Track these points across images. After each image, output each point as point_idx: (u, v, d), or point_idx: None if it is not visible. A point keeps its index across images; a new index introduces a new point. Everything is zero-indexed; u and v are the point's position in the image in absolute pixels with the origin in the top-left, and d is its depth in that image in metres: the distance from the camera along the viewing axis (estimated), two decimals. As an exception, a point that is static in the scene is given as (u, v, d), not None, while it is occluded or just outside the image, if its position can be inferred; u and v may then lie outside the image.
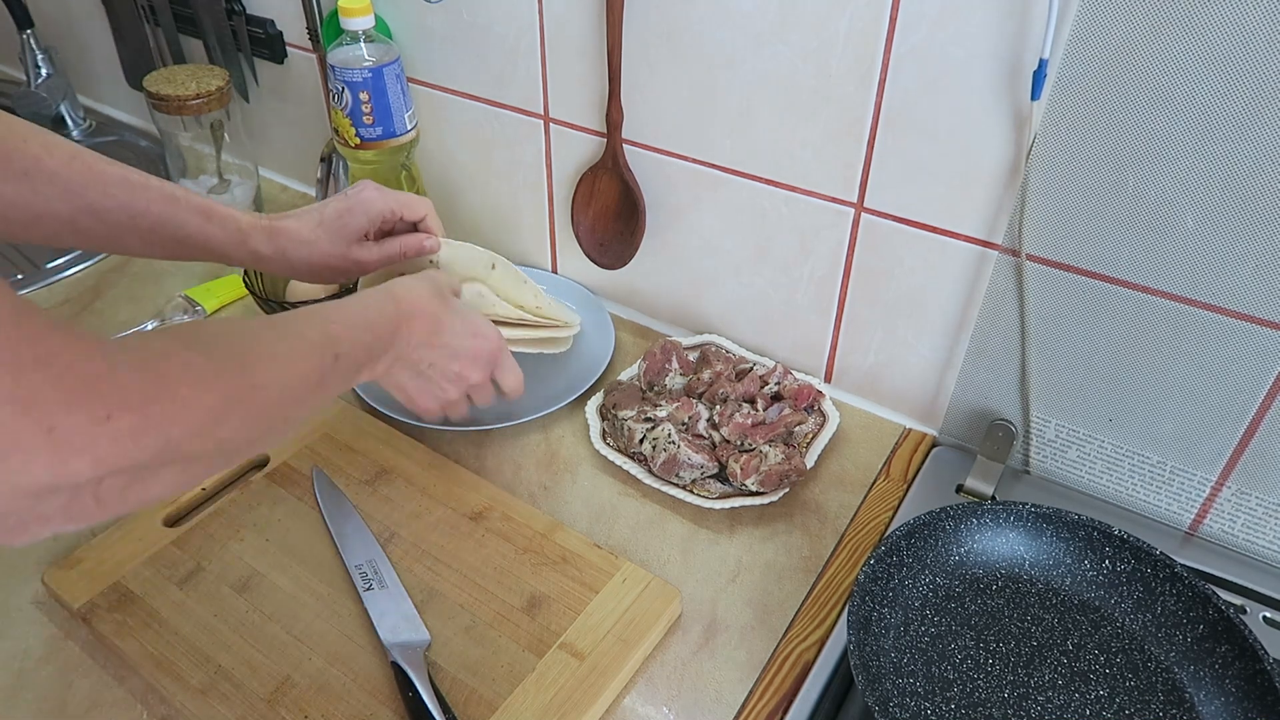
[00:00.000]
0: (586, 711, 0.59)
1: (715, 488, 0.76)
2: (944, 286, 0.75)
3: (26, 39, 1.20)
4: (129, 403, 0.36)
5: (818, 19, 0.69)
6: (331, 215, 0.70)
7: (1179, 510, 0.73)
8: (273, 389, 0.46)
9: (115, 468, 0.36)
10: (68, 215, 0.61)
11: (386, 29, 0.93)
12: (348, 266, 0.71)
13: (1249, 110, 0.56)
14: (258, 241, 0.68)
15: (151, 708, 0.62)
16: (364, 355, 0.57)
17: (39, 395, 0.33)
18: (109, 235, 0.63)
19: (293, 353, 0.49)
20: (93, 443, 0.34)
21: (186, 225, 0.65)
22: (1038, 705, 0.59)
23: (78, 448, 0.34)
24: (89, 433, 0.34)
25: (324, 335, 0.53)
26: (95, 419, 0.34)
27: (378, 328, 0.58)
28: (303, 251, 0.69)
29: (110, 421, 0.35)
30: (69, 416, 0.34)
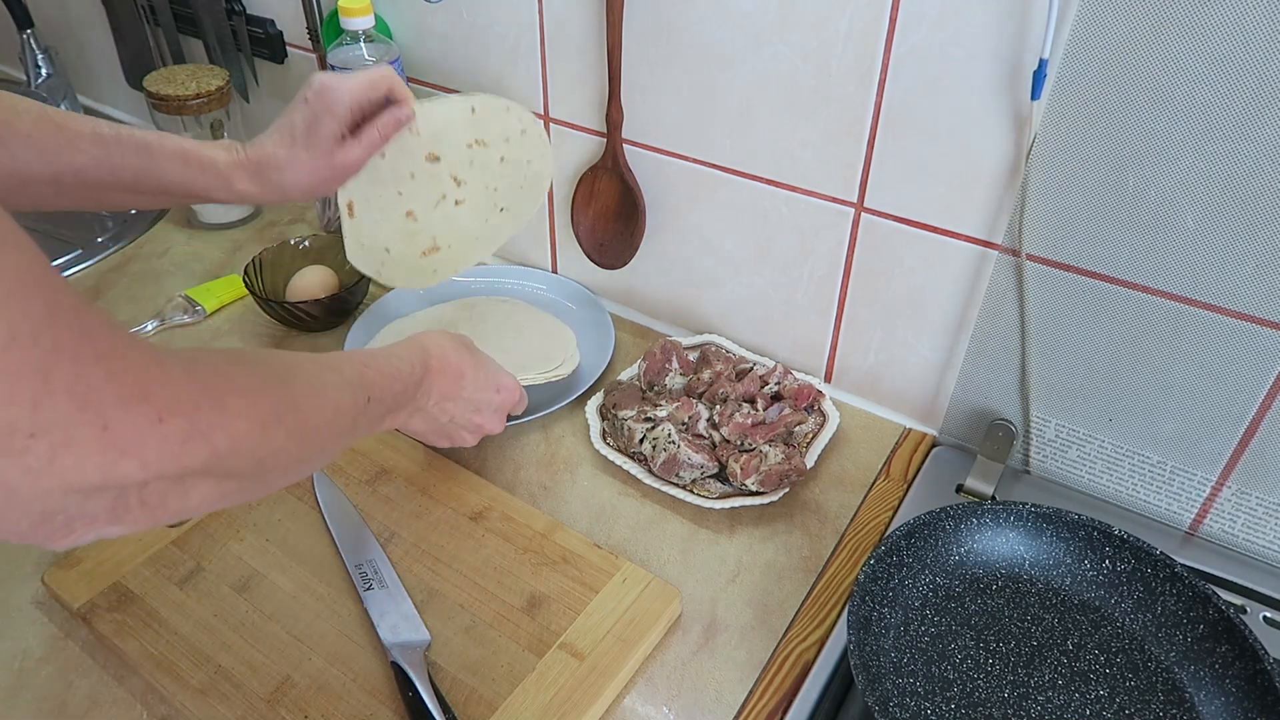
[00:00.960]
0: (586, 711, 0.59)
1: (715, 488, 0.76)
2: (944, 286, 0.75)
3: (26, 39, 1.20)
4: (180, 407, 0.36)
5: (818, 19, 0.69)
6: (302, 128, 0.66)
7: (1179, 510, 0.73)
8: (314, 414, 0.47)
9: (162, 472, 0.36)
10: (49, 176, 0.60)
11: (386, 29, 0.93)
12: (336, 174, 0.68)
13: (1249, 110, 0.56)
14: (242, 181, 0.66)
15: (151, 708, 0.62)
16: (392, 403, 0.59)
17: (97, 391, 0.33)
18: (93, 192, 0.63)
19: (331, 386, 0.50)
20: (144, 444, 0.34)
21: (166, 174, 0.64)
22: (1038, 705, 0.59)
23: (129, 448, 0.34)
24: (141, 434, 0.34)
25: (360, 377, 0.54)
26: (149, 420, 0.35)
27: (406, 379, 0.60)
28: (288, 177, 0.67)
29: (162, 424, 0.35)
30: (124, 415, 0.34)
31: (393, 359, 0.60)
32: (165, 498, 0.37)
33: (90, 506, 0.34)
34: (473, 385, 0.67)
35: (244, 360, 0.44)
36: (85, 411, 0.32)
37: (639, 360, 0.87)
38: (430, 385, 0.63)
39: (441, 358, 0.64)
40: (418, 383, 0.61)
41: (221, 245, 1.08)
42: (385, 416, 0.59)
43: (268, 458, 0.43)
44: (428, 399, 0.63)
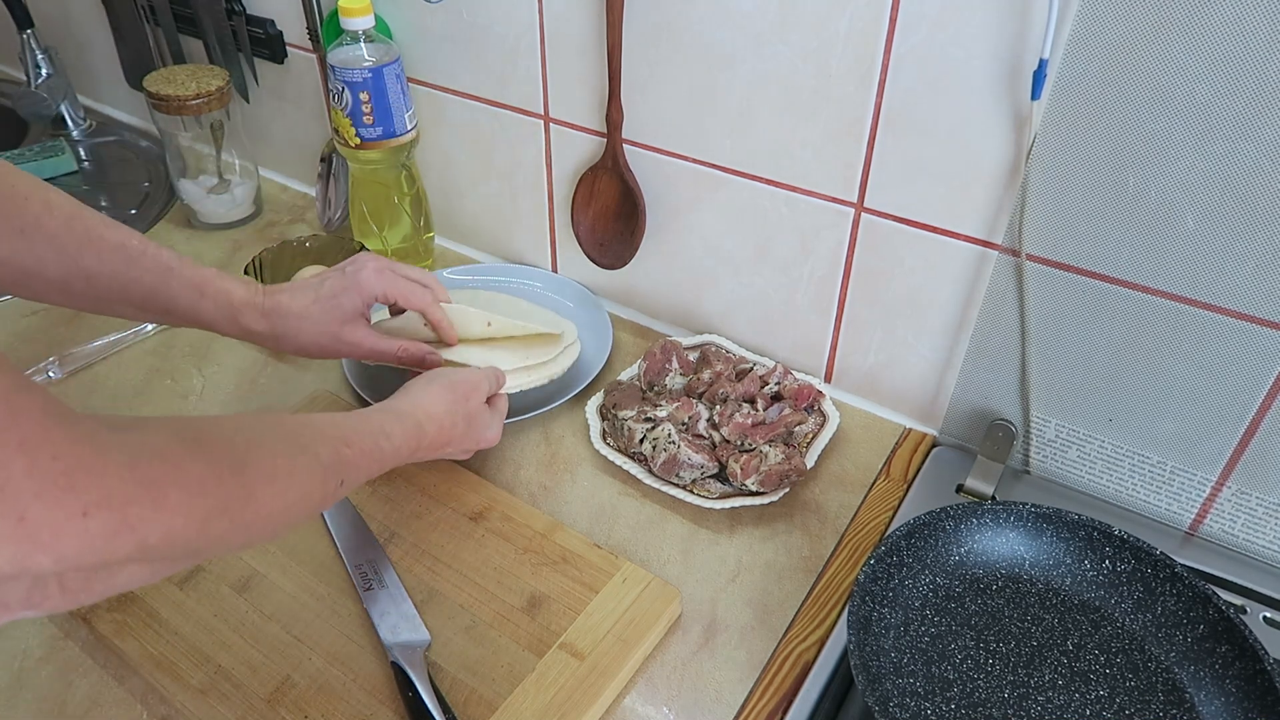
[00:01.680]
0: (586, 711, 0.59)
1: (715, 488, 0.76)
2: (944, 286, 0.75)
3: (26, 39, 1.20)
4: (111, 501, 0.34)
5: (818, 19, 0.69)
6: (327, 294, 0.69)
7: (1179, 510, 0.73)
8: (268, 503, 0.44)
9: (80, 565, 0.34)
10: (60, 278, 0.60)
11: (386, 29, 0.93)
12: (339, 347, 0.70)
13: (1249, 110, 0.56)
14: (250, 319, 0.67)
15: (151, 708, 0.62)
16: (364, 477, 0.56)
17: (16, 481, 0.31)
18: (99, 300, 0.63)
19: (299, 469, 0.47)
20: (61, 538, 0.33)
21: (178, 300, 0.64)
22: (1038, 705, 0.59)
23: (45, 541, 0.32)
24: (60, 527, 0.32)
25: (336, 458, 0.51)
26: (70, 514, 0.33)
27: (388, 459, 0.57)
28: (294, 329, 0.68)
29: (85, 519, 0.33)
30: (44, 508, 0.32)
31: (380, 436, 0.56)
32: (89, 583, 0.36)
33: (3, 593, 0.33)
34: (460, 439, 0.66)
35: (200, 443, 0.40)
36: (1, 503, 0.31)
37: (639, 360, 0.87)
38: (418, 454, 0.62)
39: (436, 434, 0.62)
40: (405, 459, 0.59)
41: (221, 245, 1.08)
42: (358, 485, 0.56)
43: (206, 548, 0.41)
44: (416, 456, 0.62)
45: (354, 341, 0.70)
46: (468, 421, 0.66)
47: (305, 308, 0.68)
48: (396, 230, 1.00)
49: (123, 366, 0.90)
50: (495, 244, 1.04)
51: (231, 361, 0.91)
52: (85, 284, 0.61)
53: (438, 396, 0.64)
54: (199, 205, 1.10)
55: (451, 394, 0.65)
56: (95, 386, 0.88)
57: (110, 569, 0.36)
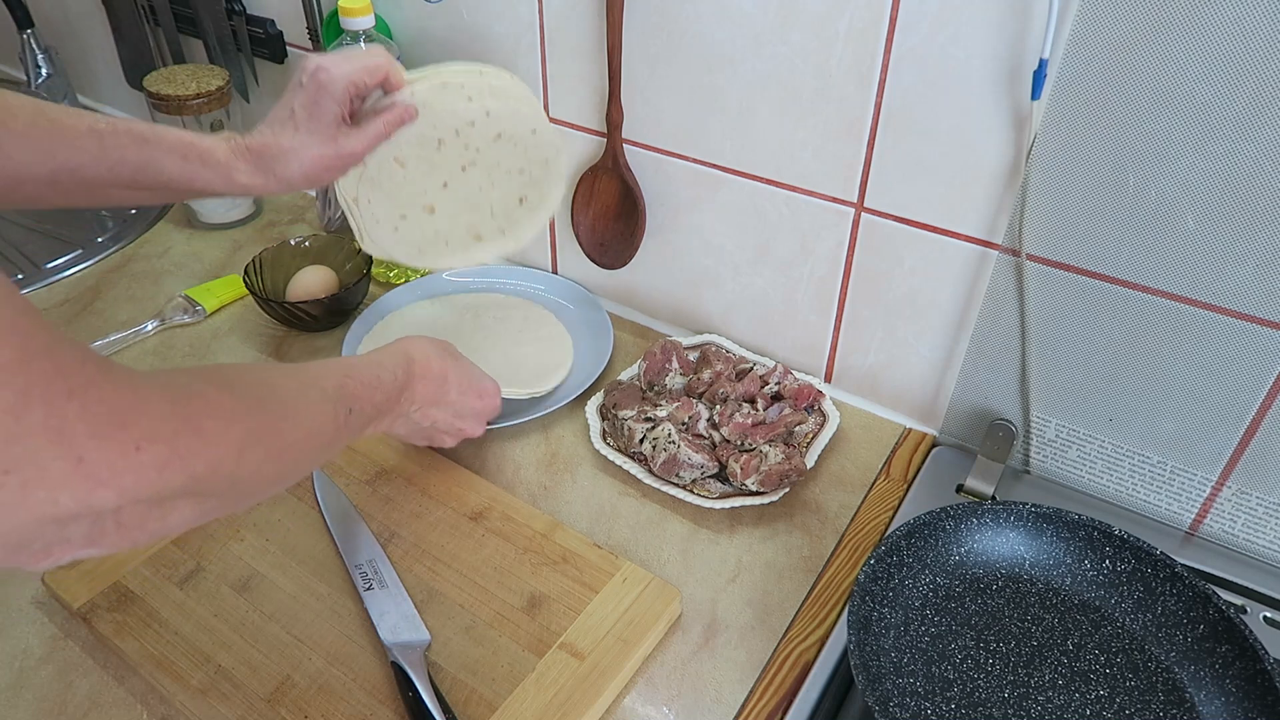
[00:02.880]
0: (586, 711, 0.59)
1: (715, 488, 0.76)
2: (944, 286, 0.75)
3: (26, 39, 1.20)
4: (157, 434, 0.37)
5: (818, 19, 0.69)
6: (302, 113, 0.65)
7: (1179, 510, 0.73)
8: (291, 433, 0.47)
9: (139, 497, 0.36)
10: (45, 175, 0.60)
11: (386, 29, 0.93)
12: (340, 161, 0.67)
13: (1249, 110, 0.56)
14: (243, 172, 0.65)
15: (151, 708, 0.62)
16: (373, 412, 0.59)
17: (71, 426, 0.33)
18: (91, 189, 0.62)
19: (311, 402, 0.50)
20: (119, 473, 0.35)
21: (165, 168, 0.63)
22: (1038, 705, 0.59)
23: (104, 478, 0.34)
24: (117, 463, 0.35)
25: (340, 390, 0.54)
26: (124, 450, 0.35)
27: (388, 388, 0.60)
28: (291, 164, 0.65)
29: (138, 453, 0.36)
30: (99, 447, 0.34)
31: (375, 368, 0.60)
32: (144, 520, 0.38)
33: (67, 533, 0.35)
34: (456, 391, 0.67)
35: (221, 381, 0.44)
36: (59, 446, 0.33)
37: (639, 360, 0.87)
38: (414, 392, 0.63)
39: (425, 364, 0.64)
40: (400, 390, 0.62)
41: (221, 245, 1.08)
42: (368, 425, 0.59)
43: (246, 478, 0.43)
44: (411, 405, 0.64)
45: (352, 151, 0.67)
46: (455, 361, 0.67)
47: (293, 139, 0.65)
48: (396, 230, 1.00)
49: (123, 366, 0.90)
50: (495, 244, 1.04)
51: (232, 361, 0.91)
52: (71, 175, 0.61)
53: (415, 337, 0.66)
54: (199, 205, 1.10)
55: (430, 339, 0.67)
56: (95, 386, 0.88)
57: (164, 505, 0.39)
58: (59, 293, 1.00)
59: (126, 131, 0.62)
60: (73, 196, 0.63)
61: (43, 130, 0.60)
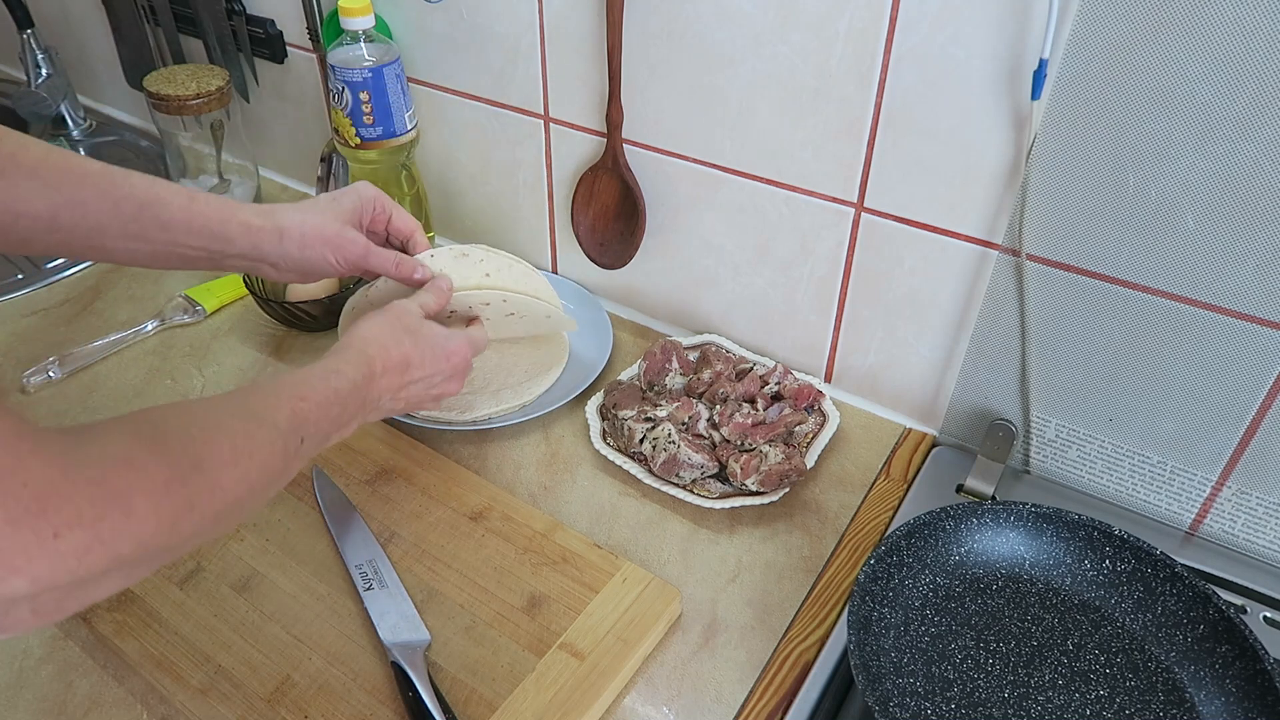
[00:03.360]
0: (586, 711, 0.59)
1: (715, 488, 0.76)
2: (944, 286, 0.75)
3: (26, 39, 1.20)
4: (81, 519, 0.34)
5: (818, 19, 0.69)
6: (325, 198, 0.69)
7: (1179, 510, 0.73)
8: (233, 489, 0.44)
9: (54, 585, 0.34)
10: (48, 212, 0.59)
11: (386, 29, 0.93)
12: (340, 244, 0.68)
13: (1250, 110, 0.56)
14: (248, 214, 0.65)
15: (151, 708, 0.62)
16: (331, 428, 0.56)
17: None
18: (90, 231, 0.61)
19: (258, 445, 0.47)
20: (33, 561, 0.33)
21: (171, 206, 0.63)
22: (1038, 705, 0.59)
23: (17, 566, 0.33)
24: (32, 551, 0.33)
25: (293, 418, 0.51)
26: (41, 538, 0.33)
27: (347, 398, 0.57)
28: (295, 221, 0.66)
29: (57, 540, 0.33)
30: (13, 534, 0.32)
31: (331, 377, 0.56)
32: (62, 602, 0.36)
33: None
34: (419, 367, 0.64)
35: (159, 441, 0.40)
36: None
37: (639, 360, 0.87)
38: (378, 389, 0.60)
39: (383, 358, 0.61)
40: (362, 395, 0.59)
41: (221, 245, 1.08)
42: (325, 442, 0.56)
43: (179, 544, 0.41)
44: (379, 400, 0.61)
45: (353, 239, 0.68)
46: (413, 336, 0.64)
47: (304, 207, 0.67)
48: (396, 230, 1.00)
49: (123, 366, 0.90)
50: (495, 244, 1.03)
51: (232, 361, 0.91)
52: (75, 212, 0.60)
53: (370, 321, 0.63)
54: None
55: (383, 315, 0.64)
56: (95, 386, 0.88)
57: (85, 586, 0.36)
58: (59, 293, 1.00)
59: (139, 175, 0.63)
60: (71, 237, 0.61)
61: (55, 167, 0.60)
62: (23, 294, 1.00)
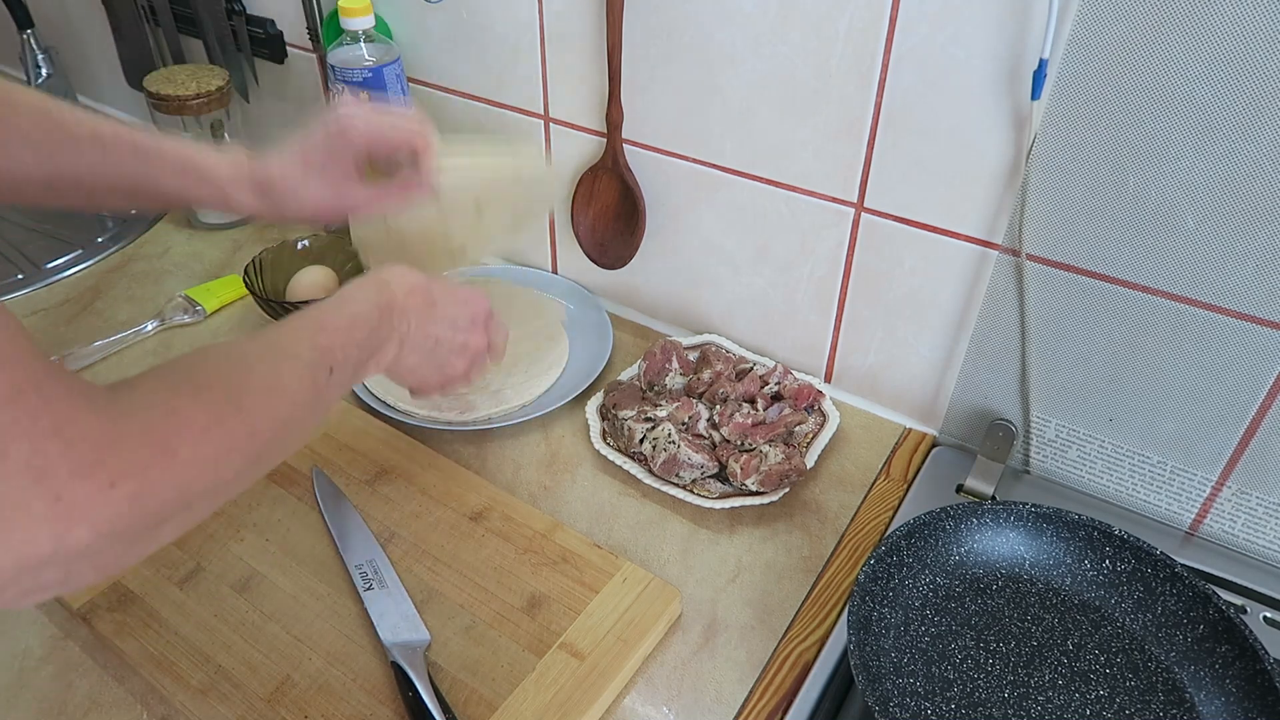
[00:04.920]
0: (586, 711, 0.59)
1: (715, 488, 0.76)
2: (944, 286, 0.75)
3: (26, 39, 1.20)
4: (133, 468, 0.36)
5: (818, 19, 0.69)
6: (315, 154, 0.65)
7: (1179, 510, 0.73)
8: (269, 426, 0.45)
9: (114, 533, 0.36)
10: (43, 178, 0.59)
11: (386, 29, 0.93)
12: (341, 206, 0.67)
13: (1250, 110, 0.56)
14: (241, 194, 0.65)
15: (151, 708, 0.62)
16: (363, 354, 0.55)
17: (51, 464, 0.33)
18: (90, 194, 0.62)
19: (286, 381, 0.48)
20: (95, 511, 0.34)
21: (163, 182, 0.63)
22: (1038, 705, 0.59)
23: (80, 516, 0.34)
24: (92, 500, 0.34)
25: (316, 350, 0.51)
26: (100, 487, 0.35)
27: (371, 320, 0.56)
28: (293, 200, 0.65)
29: (114, 489, 0.35)
30: (77, 485, 0.34)
31: (349, 304, 0.56)
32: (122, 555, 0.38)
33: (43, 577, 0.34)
34: (443, 302, 0.62)
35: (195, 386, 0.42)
36: (39, 485, 0.33)
37: (639, 360, 0.87)
38: (404, 310, 0.59)
39: (403, 280, 0.60)
40: (386, 315, 0.57)
41: (221, 245, 1.08)
42: (363, 366, 0.55)
43: (226, 483, 0.43)
44: (406, 324, 0.59)
45: (355, 203, 0.67)
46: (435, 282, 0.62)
47: (302, 175, 0.65)
48: (396, 230, 1.00)
49: (123, 366, 0.90)
50: (495, 244, 1.04)
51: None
52: (69, 181, 0.60)
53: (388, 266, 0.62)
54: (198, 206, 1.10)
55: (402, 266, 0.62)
56: (95, 386, 0.88)
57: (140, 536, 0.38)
58: (59, 293, 1.00)
59: (129, 140, 0.62)
60: (68, 200, 0.62)
61: (47, 131, 0.59)
62: (23, 294, 1.00)
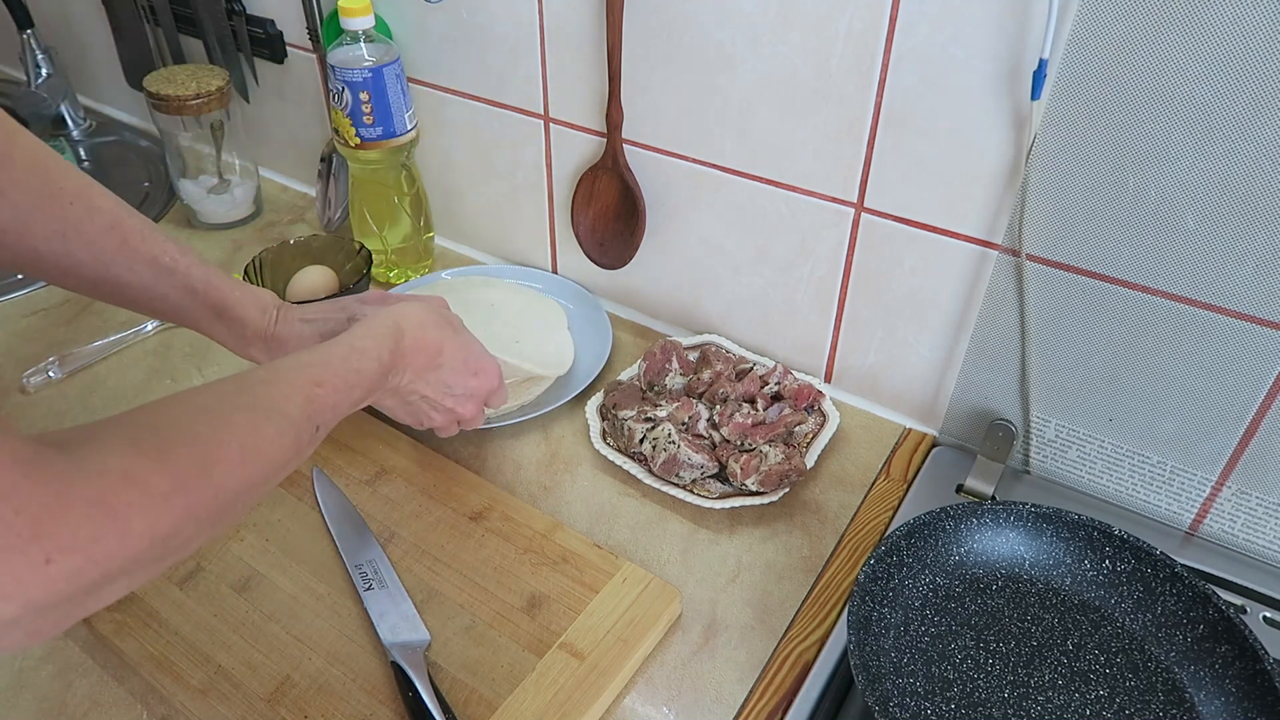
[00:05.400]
0: (586, 711, 0.59)
1: (715, 488, 0.76)
2: (944, 286, 0.75)
3: (26, 39, 1.20)
4: (75, 543, 0.33)
5: (818, 19, 0.69)
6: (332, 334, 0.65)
7: (1179, 510, 0.73)
8: (238, 490, 0.42)
9: (46, 607, 0.33)
10: (92, 280, 0.61)
11: (386, 29, 0.93)
12: None
13: (1249, 110, 0.56)
14: (257, 351, 0.66)
15: (151, 708, 0.62)
16: (348, 408, 0.54)
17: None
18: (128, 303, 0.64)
19: (266, 443, 0.44)
20: (25, 587, 0.32)
21: (199, 321, 0.65)
22: (1038, 705, 0.59)
23: (8, 593, 0.32)
24: (23, 577, 0.32)
25: (308, 406, 0.48)
26: (34, 564, 0.32)
27: (369, 378, 0.55)
28: None
29: (49, 565, 0.33)
30: (7, 562, 0.32)
31: (355, 358, 0.54)
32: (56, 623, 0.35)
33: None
34: (448, 367, 0.62)
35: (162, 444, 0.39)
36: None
37: (639, 360, 0.87)
38: (403, 366, 0.59)
39: (418, 335, 0.59)
40: (385, 374, 0.57)
41: (221, 245, 1.08)
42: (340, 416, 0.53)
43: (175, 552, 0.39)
44: (400, 379, 0.59)
45: None
46: (454, 330, 0.63)
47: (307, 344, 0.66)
48: (396, 230, 1.00)
49: (123, 366, 0.90)
50: (495, 244, 1.04)
51: (232, 362, 0.91)
52: (114, 289, 0.62)
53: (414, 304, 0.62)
54: (199, 205, 1.10)
55: (427, 302, 0.63)
56: (95, 386, 0.88)
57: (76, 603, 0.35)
58: (59, 293, 1.00)
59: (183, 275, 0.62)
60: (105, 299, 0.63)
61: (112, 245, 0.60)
62: (23, 294, 1.00)
